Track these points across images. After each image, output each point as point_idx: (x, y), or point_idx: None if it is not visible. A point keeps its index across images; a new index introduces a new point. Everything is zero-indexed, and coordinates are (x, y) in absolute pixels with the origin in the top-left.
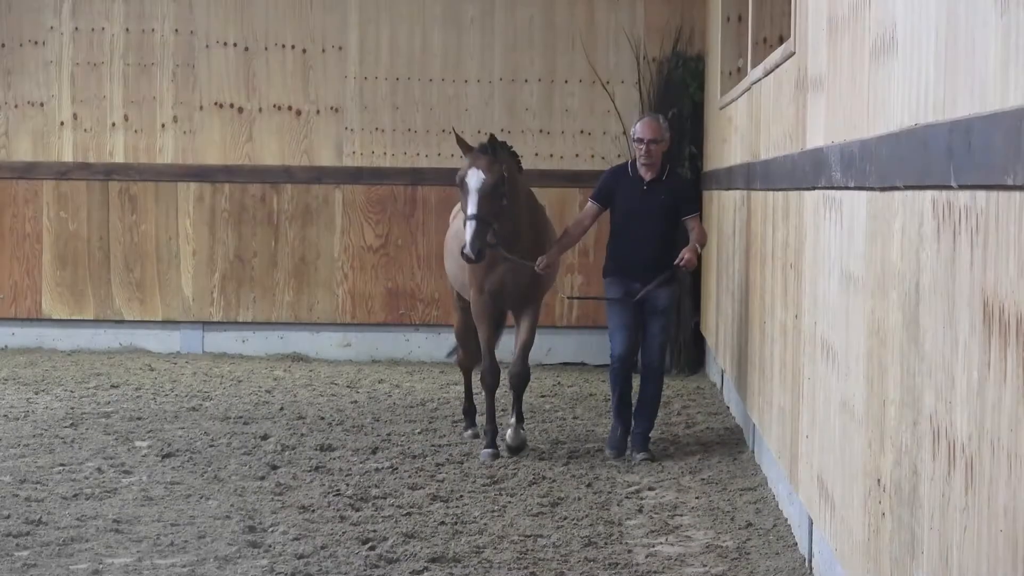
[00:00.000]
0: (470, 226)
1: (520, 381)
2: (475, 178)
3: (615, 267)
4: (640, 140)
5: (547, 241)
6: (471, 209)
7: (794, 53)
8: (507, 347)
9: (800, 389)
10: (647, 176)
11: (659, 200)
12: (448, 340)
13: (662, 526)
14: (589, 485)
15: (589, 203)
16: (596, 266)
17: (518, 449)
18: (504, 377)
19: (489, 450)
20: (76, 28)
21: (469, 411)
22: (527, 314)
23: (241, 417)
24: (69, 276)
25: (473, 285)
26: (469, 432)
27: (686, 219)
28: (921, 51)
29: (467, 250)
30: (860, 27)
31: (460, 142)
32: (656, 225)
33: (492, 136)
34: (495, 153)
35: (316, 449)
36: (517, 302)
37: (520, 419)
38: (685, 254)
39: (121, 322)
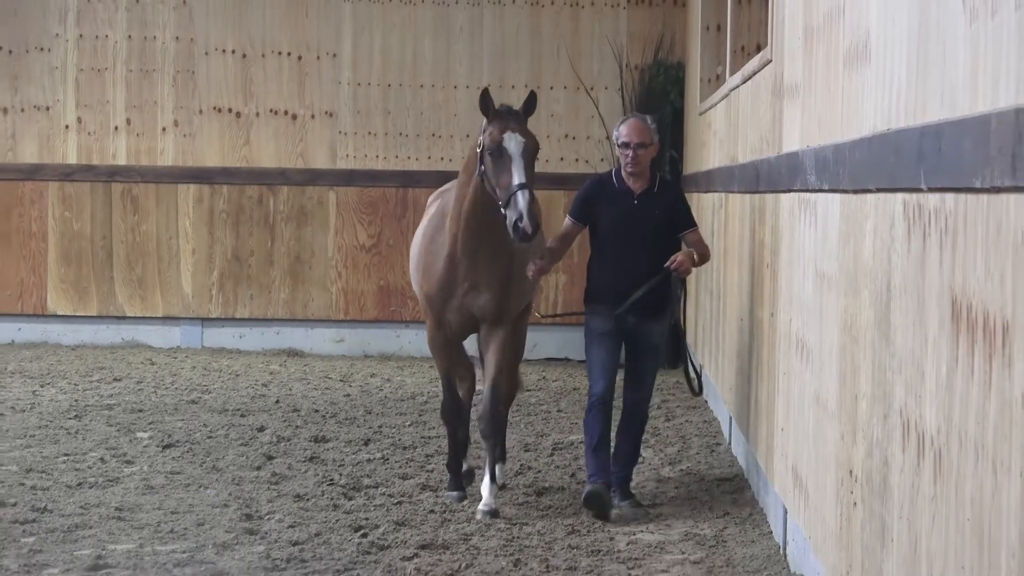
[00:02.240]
0: (524, 196)
1: (491, 426)
2: (515, 142)
3: (600, 295)
4: (626, 144)
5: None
6: (519, 178)
7: (771, 61)
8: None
9: (775, 384)
10: (636, 188)
11: (652, 216)
12: None
13: (642, 515)
14: (572, 475)
15: (567, 220)
16: (580, 266)
17: (493, 514)
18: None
19: (454, 493)
20: (80, 35)
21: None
22: (495, 342)
23: (238, 410)
24: (73, 274)
25: (429, 315)
26: (455, 494)
27: (685, 234)
28: (893, 59)
29: (524, 223)
30: (835, 36)
31: (485, 100)
32: (652, 245)
33: (533, 94)
34: (528, 115)
35: (310, 440)
36: (482, 326)
37: (493, 478)
38: (679, 256)
39: (123, 318)
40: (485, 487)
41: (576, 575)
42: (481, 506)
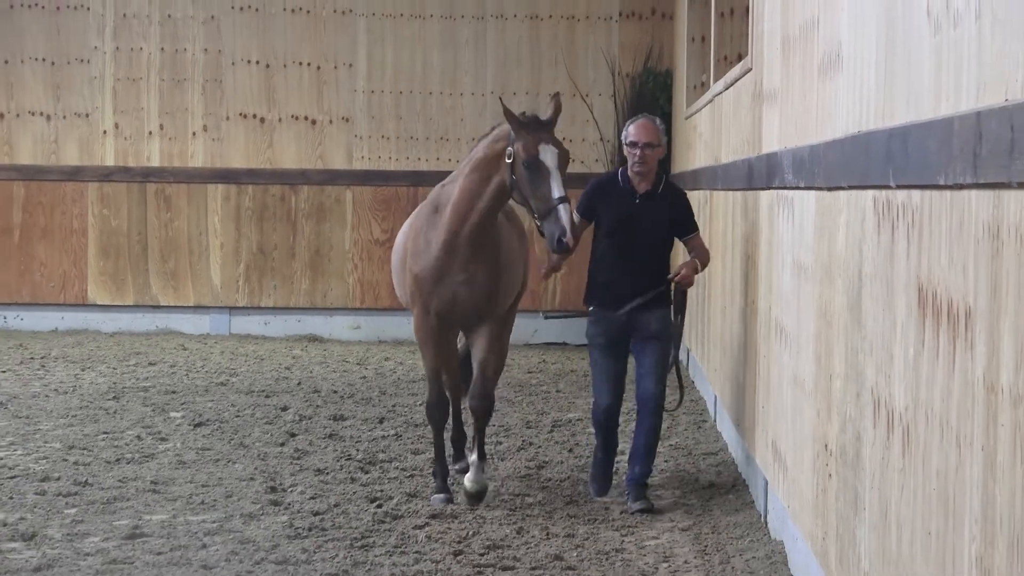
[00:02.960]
0: (565, 211)
1: (481, 410)
2: (551, 155)
3: (601, 296)
4: (634, 144)
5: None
6: (558, 191)
7: (751, 69)
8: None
9: (756, 365)
10: (641, 188)
11: (655, 217)
12: None
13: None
14: (571, 451)
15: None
16: (578, 260)
17: (479, 496)
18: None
19: (441, 495)
20: (117, 48)
21: (456, 448)
22: (485, 330)
23: (264, 391)
24: (111, 267)
25: (416, 302)
26: (457, 466)
27: (687, 239)
28: (864, 67)
29: (567, 237)
30: (810, 46)
31: (508, 114)
32: (652, 246)
33: (559, 103)
34: (555, 123)
35: (330, 419)
36: (471, 320)
37: (482, 456)
38: (682, 268)
39: (157, 307)
40: (471, 468)
41: (574, 541)
42: (466, 485)
